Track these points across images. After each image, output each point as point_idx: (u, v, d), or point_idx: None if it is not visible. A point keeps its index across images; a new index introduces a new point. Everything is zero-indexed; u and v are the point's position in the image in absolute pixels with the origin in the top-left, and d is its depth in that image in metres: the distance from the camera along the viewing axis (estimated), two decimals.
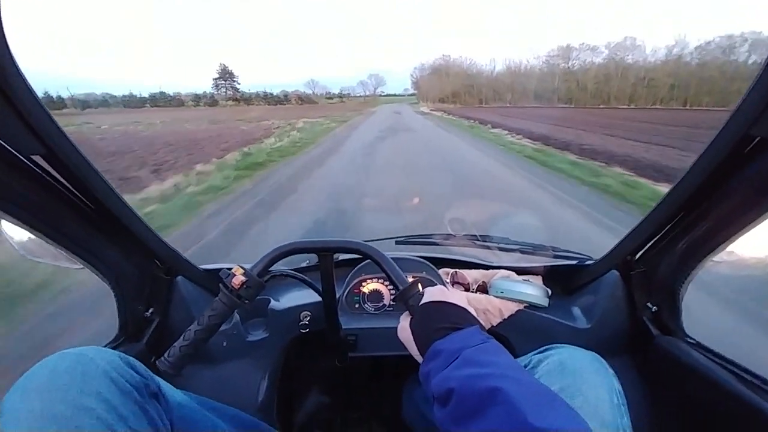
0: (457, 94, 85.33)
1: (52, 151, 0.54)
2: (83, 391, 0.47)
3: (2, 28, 0.43)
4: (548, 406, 0.39)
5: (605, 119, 24.31)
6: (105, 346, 0.79)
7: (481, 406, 0.40)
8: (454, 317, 0.55)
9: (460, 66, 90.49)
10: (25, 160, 0.55)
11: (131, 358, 0.56)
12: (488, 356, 0.47)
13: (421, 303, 0.59)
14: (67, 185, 0.62)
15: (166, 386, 0.62)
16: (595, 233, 3.23)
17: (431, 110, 43.50)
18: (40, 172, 0.58)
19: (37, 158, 0.56)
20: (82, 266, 0.73)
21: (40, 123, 0.50)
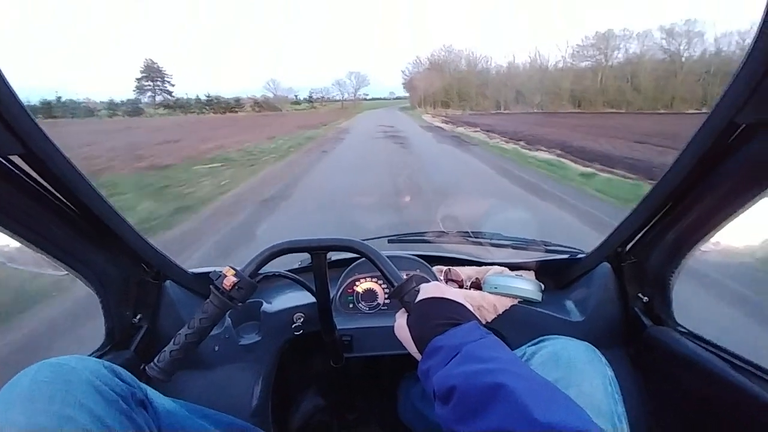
0: (466, 95, 62.63)
1: (31, 150, 0.52)
2: (66, 402, 0.45)
3: None
4: (552, 401, 0.39)
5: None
6: (91, 354, 0.77)
7: (484, 403, 0.40)
8: (451, 313, 0.54)
9: (468, 60, 66.02)
10: (2, 160, 0.53)
11: (116, 366, 0.55)
12: (489, 351, 0.46)
13: (417, 300, 0.58)
14: (48, 187, 0.60)
15: (153, 394, 0.61)
16: None
17: (444, 121, 26.36)
18: (18, 173, 0.56)
19: (15, 158, 0.54)
20: (66, 272, 0.71)
21: (19, 121, 0.48)
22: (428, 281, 0.65)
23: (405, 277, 0.63)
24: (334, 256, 1.08)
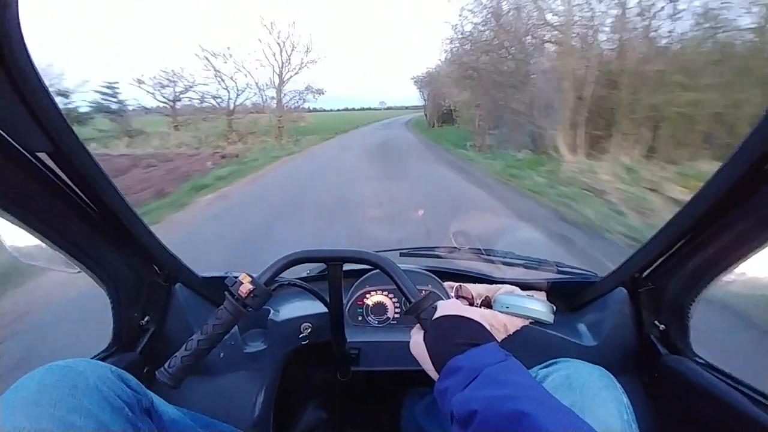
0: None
1: (59, 148, 0.52)
2: (72, 408, 0.44)
3: (18, 19, 0.42)
4: (575, 431, 0.38)
5: None
6: (97, 355, 0.76)
7: (506, 430, 0.39)
8: (470, 332, 0.53)
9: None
10: (30, 158, 0.53)
11: (124, 371, 0.54)
12: (510, 375, 0.45)
13: (434, 317, 0.57)
14: (72, 185, 0.60)
15: (159, 402, 0.60)
16: None
17: None
18: (45, 170, 0.56)
19: (43, 156, 0.54)
20: (78, 270, 0.71)
21: (49, 119, 0.49)
22: (443, 299, 0.64)
23: (421, 292, 0.62)
24: (346, 266, 1.07)
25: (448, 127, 24.67)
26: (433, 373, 0.54)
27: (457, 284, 1.02)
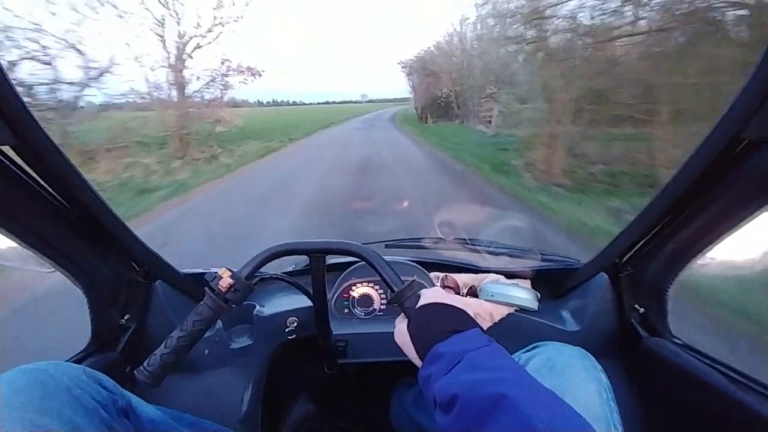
0: None
1: (24, 141, 0.50)
2: (43, 410, 0.43)
3: None
4: (556, 412, 0.39)
5: None
6: (76, 356, 0.74)
7: (486, 413, 0.39)
8: (453, 319, 0.53)
9: None
10: None
11: (98, 372, 0.53)
12: (492, 360, 0.45)
13: (418, 305, 0.57)
14: (40, 180, 0.58)
15: (137, 401, 0.59)
16: None
17: None
18: (9, 165, 0.53)
19: (6, 149, 0.52)
20: (52, 269, 0.68)
21: (12, 110, 0.46)
22: (427, 287, 0.64)
23: (404, 282, 0.62)
24: (330, 259, 1.07)
25: (447, 124, 19.22)
26: (417, 361, 0.54)
27: (443, 274, 1.02)
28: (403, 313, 0.60)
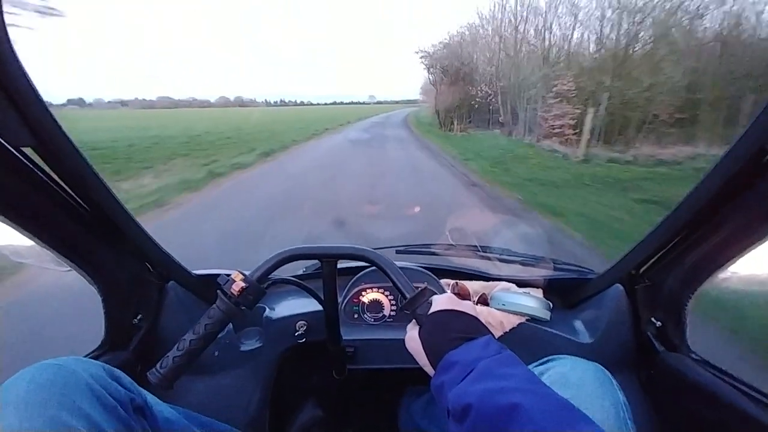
0: None
1: (44, 143, 0.51)
2: (63, 406, 0.44)
3: (2, 14, 0.41)
4: (572, 424, 0.38)
5: None
6: (90, 354, 0.75)
7: (501, 423, 0.38)
8: (466, 327, 0.53)
9: None
10: (14, 152, 0.52)
11: (117, 370, 0.54)
12: (506, 368, 0.45)
13: (430, 312, 0.56)
14: (59, 181, 0.59)
15: (153, 400, 0.59)
16: None
17: None
18: (30, 165, 0.55)
19: (28, 151, 0.53)
20: (69, 269, 0.70)
21: (33, 112, 0.47)
22: (439, 294, 0.64)
23: (416, 289, 0.62)
24: (341, 264, 1.07)
25: (483, 135, 12.80)
26: (428, 369, 0.53)
27: (454, 281, 1.01)
28: (414, 320, 0.60)
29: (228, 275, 0.61)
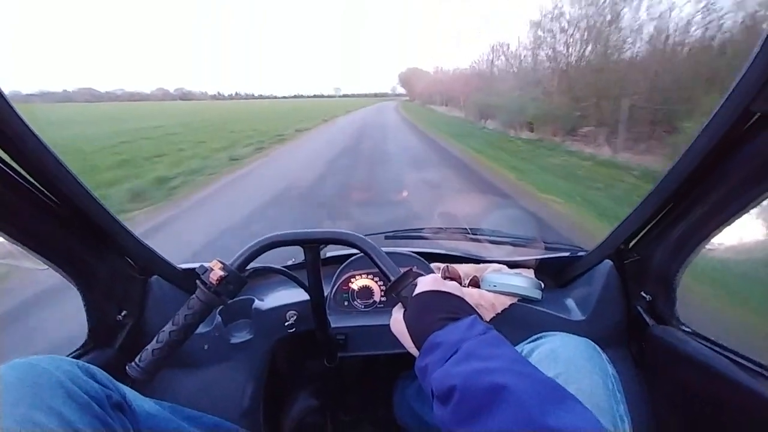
0: None
1: (7, 137, 0.49)
2: (34, 405, 0.43)
3: None
4: (558, 402, 0.37)
5: None
6: (73, 352, 0.74)
7: (485, 404, 0.37)
8: (450, 307, 0.52)
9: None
10: None
11: (92, 366, 0.52)
12: (490, 348, 0.43)
13: (414, 293, 0.55)
14: (25, 175, 0.57)
15: (133, 395, 0.58)
16: None
17: None
18: None
19: None
20: (46, 267, 0.68)
21: None
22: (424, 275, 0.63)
23: (401, 271, 0.61)
24: (329, 252, 1.05)
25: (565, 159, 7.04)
26: (414, 351, 0.52)
27: (444, 265, 1.01)
28: (400, 303, 0.59)
29: (207, 265, 0.60)
